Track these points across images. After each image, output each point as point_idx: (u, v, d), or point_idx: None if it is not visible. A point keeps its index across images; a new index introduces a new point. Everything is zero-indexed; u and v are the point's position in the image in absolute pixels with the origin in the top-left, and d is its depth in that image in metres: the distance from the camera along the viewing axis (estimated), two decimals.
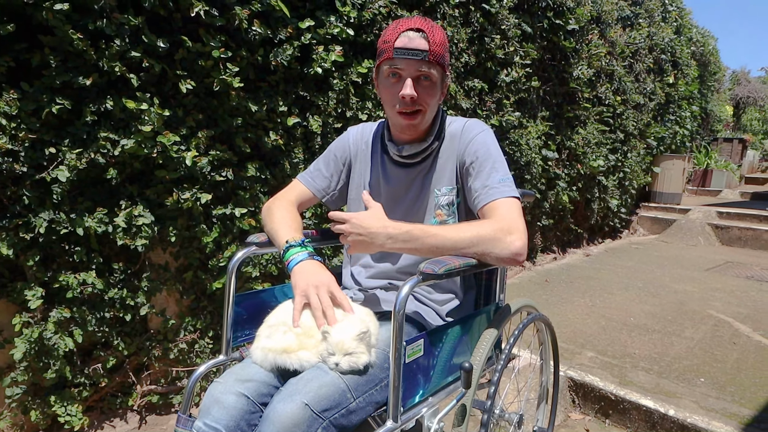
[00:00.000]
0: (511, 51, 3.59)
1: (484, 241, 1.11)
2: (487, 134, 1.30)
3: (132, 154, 1.81)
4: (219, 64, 1.96)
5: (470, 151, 1.27)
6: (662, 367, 2.32)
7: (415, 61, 1.18)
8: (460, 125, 1.33)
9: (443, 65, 1.22)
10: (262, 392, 1.08)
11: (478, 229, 1.13)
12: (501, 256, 1.11)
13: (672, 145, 6.95)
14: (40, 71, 1.62)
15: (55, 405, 1.81)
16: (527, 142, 3.82)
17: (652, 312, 3.15)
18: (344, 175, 1.47)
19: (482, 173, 1.24)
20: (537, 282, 3.90)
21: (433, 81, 1.22)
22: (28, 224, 1.66)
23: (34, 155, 1.63)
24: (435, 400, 1.14)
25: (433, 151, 1.34)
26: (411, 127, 1.26)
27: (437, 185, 1.33)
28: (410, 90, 1.19)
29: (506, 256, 1.11)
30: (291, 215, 1.34)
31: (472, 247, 1.11)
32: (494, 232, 1.12)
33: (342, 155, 1.46)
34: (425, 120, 1.26)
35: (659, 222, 6.37)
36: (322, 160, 1.48)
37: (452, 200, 1.32)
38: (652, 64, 5.94)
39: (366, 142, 1.45)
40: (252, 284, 2.24)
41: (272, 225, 1.31)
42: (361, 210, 1.41)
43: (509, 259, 1.12)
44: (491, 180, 1.22)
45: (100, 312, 1.88)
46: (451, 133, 1.33)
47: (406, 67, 1.19)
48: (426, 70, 1.19)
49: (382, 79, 1.26)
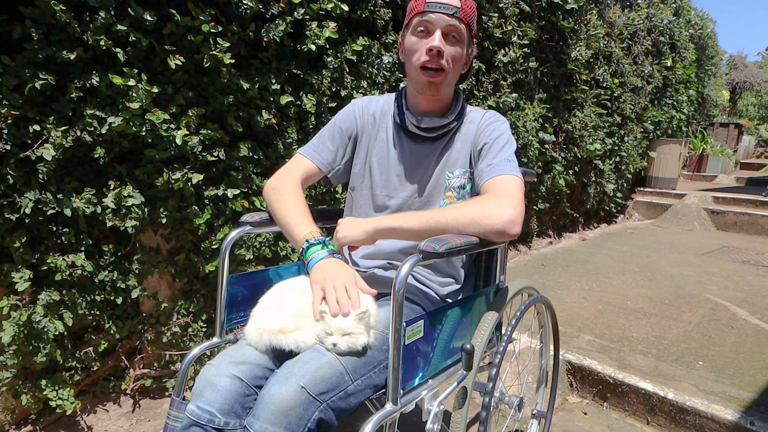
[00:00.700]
0: (508, 30, 3.52)
1: (475, 212, 1.09)
2: (503, 123, 1.32)
3: (120, 132, 1.75)
4: (209, 39, 1.90)
5: (484, 135, 1.28)
6: (660, 350, 2.31)
7: (447, 15, 1.17)
8: (480, 113, 1.34)
9: (471, 28, 1.22)
10: (256, 375, 1.05)
11: (470, 203, 1.13)
12: (494, 227, 1.08)
13: (668, 129, 6.91)
14: (22, 45, 1.55)
15: (46, 389, 1.78)
16: (524, 124, 3.77)
17: (648, 296, 3.15)
18: (350, 149, 1.41)
19: (490, 154, 1.24)
20: (533, 266, 3.89)
21: (461, 40, 1.21)
22: (14, 204, 1.60)
23: (17, 133, 1.57)
24: (435, 383, 1.11)
25: (451, 131, 1.32)
26: (431, 86, 1.22)
27: (451, 168, 1.31)
28: (438, 42, 1.17)
29: (498, 226, 1.07)
30: (302, 201, 1.28)
31: (461, 218, 1.09)
32: (485, 203, 1.11)
33: (348, 128, 1.39)
34: (446, 83, 1.24)
35: (655, 207, 6.37)
36: (327, 133, 1.41)
37: (463, 183, 1.30)
38: (650, 47, 5.88)
39: (372, 115, 1.39)
40: (245, 267, 2.20)
41: (285, 214, 1.24)
42: (365, 184, 1.38)
43: (502, 231, 1.08)
44: (496, 159, 1.22)
45: (91, 295, 1.83)
46: (470, 119, 1.34)
47: (436, 20, 1.18)
48: (456, 25, 1.18)
49: (409, 36, 1.23)
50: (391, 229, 1.12)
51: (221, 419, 0.99)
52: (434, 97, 1.26)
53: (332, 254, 1.15)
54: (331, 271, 1.09)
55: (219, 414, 0.99)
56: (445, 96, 1.28)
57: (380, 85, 2.60)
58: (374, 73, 2.54)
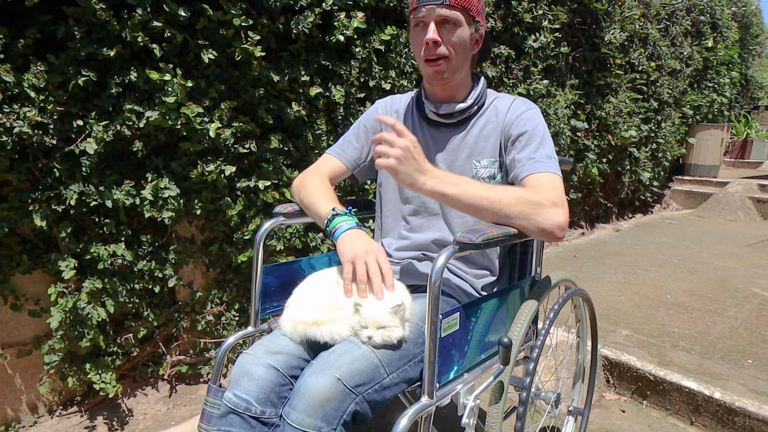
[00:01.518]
0: (539, 15, 3.43)
1: (528, 204, 1.08)
2: (536, 112, 1.28)
3: (156, 126, 1.79)
4: (240, 33, 1.91)
5: (518, 125, 1.24)
6: (704, 347, 2.23)
7: (436, 5, 1.16)
8: (508, 100, 1.30)
9: (467, 9, 1.18)
10: (291, 365, 1.06)
11: (523, 192, 1.10)
12: (543, 226, 1.08)
13: (709, 114, 6.62)
14: (66, 43, 1.61)
15: (90, 372, 1.86)
16: (555, 111, 3.68)
17: (690, 289, 3.04)
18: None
19: (529, 147, 1.21)
20: (565, 258, 3.81)
21: (457, 25, 1.18)
22: (60, 196, 1.67)
23: (62, 128, 1.63)
24: (470, 376, 1.11)
25: (472, 116, 1.29)
26: (438, 75, 1.23)
27: (477, 156, 1.29)
28: (432, 34, 1.17)
29: (548, 227, 1.08)
30: (327, 187, 1.32)
31: (514, 206, 1.07)
32: (539, 199, 1.09)
33: (372, 125, 1.44)
34: (453, 66, 1.22)
35: (694, 196, 6.13)
36: (352, 132, 1.46)
37: (493, 173, 1.28)
38: (689, 27, 5.63)
39: (396, 111, 1.42)
40: (276, 257, 2.23)
41: (310, 197, 1.27)
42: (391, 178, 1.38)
43: (550, 232, 1.09)
44: (538, 154, 1.19)
45: (130, 283, 1.90)
46: (497, 106, 1.30)
47: (428, 13, 1.18)
48: (446, 13, 1.17)
49: (411, 34, 1.25)
50: (443, 194, 1.08)
51: (257, 408, 1.00)
52: (446, 84, 1.26)
53: (358, 226, 1.16)
54: (360, 245, 1.10)
55: (255, 402, 1.01)
56: (458, 81, 1.27)
57: (408, 75, 2.57)
58: (402, 63, 2.52)
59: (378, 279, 1.06)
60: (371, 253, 1.08)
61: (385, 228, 1.42)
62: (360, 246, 1.09)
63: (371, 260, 1.07)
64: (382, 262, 1.08)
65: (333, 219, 1.17)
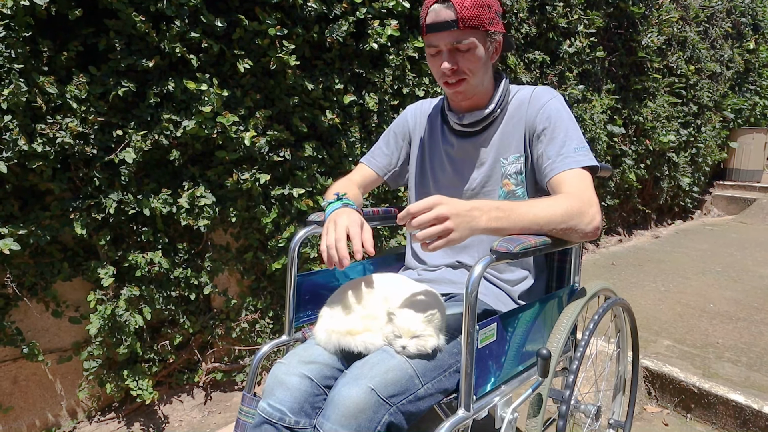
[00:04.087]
0: (574, 19, 3.37)
1: (573, 216, 1.06)
2: (558, 100, 1.23)
3: (193, 135, 1.82)
4: (275, 42, 1.94)
5: (542, 118, 1.20)
6: (751, 358, 2.12)
7: (446, 33, 1.14)
8: (528, 92, 1.26)
9: (479, 27, 1.15)
10: (325, 374, 1.05)
11: (567, 205, 1.07)
12: (586, 230, 1.08)
13: (751, 117, 6.36)
14: (107, 55, 1.66)
15: (128, 379, 1.89)
16: (591, 117, 3.60)
17: (735, 298, 2.90)
18: (404, 152, 1.46)
19: (556, 140, 1.17)
20: (602, 265, 3.70)
21: (472, 47, 1.16)
22: (99, 205, 1.71)
23: (102, 138, 1.68)
24: (507, 388, 1.07)
25: (495, 119, 1.27)
26: (459, 95, 1.23)
27: (504, 154, 1.26)
28: (447, 63, 1.17)
29: (590, 230, 1.08)
30: (343, 186, 1.35)
31: (563, 223, 1.05)
32: (580, 206, 1.07)
33: (401, 131, 1.45)
34: (473, 85, 1.21)
35: (736, 201, 5.89)
36: (383, 139, 1.49)
37: (520, 168, 1.25)
38: (729, 29, 5.43)
39: (426, 117, 1.42)
40: (310, 265, 2.24)
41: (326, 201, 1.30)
42: (422, 182, 1.37)
43: (592, 234, 1.09)
44: (566, 148, 1.16)
45: (167, 291, 1.93)
46: (518, 99, 1.27)
47: (439, 41, 1.16)
48: (459, 41, 1.15)
49: (426, 53, 1.25)
50: (497, 230, 1.02)
51: (291, 418, 1.00)
52: (467, 99, 1.26)
53: (346, 205, 1.19)
54: (338, 215, 1.12)
55: (289, 413, 1.00)
56: (480, 92, 1.25)
57: None
58: None
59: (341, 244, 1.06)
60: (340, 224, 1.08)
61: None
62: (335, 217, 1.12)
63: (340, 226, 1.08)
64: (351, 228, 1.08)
65: (327, 206, 1.22)
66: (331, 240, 1.08)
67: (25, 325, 1.74)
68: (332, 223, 1.10)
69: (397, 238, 2.50)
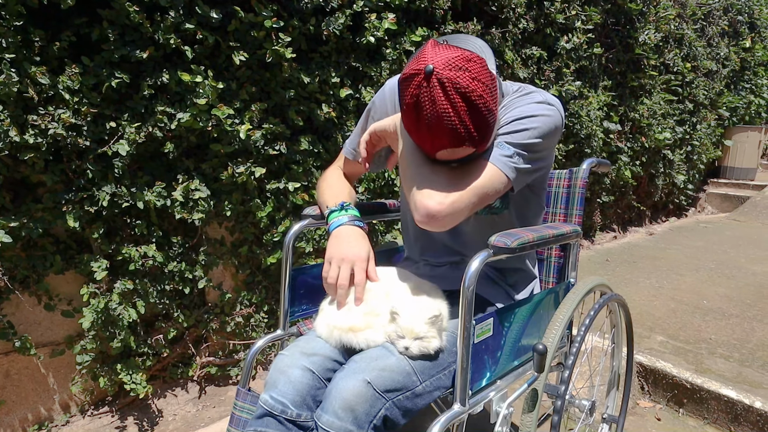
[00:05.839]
0: (572, 15, 3.35)
1: (416, 185, 0.98)
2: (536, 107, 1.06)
3: (188, 127, 1.81)
4: (271, 34, 1.92)
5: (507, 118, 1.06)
6: (744, 354, 2.14)
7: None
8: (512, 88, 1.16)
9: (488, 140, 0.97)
10: (326, 367, 1.05)
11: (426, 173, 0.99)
12: (416, 213, 0.99)
13: (746, 116, 6.39)
14: (100, 46, 1.63)
15: (121, 373, 1.88)
16: (588, 113, 3.60)
17: (727, 295, 2.92)
18: None
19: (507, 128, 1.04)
20: (597, 261, 3.71)
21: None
22: (92, 197, 1.69)
23: (96, 129, 1.66)
24: (503, 383, 1.07)
25: None
26: None
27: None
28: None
29: (421, 213, 0.97)
30: (338, 180, 1.32)
31: (410, 189, 1.00)
32: (426, 183, 0.98)
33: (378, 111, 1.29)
34: None
35: (730, 199, 5.92)
36: (360, 124, 1.34)
37: None
38: (726, 27, 5.44)
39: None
40: (305, 260, 2.23)
41: (319, 195, 1.29)
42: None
43: (420, 220, 0.98)
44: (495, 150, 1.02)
45: (161, 284, 1.91)
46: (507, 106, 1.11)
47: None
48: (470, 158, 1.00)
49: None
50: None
51: (293, 411, 0.99)
52: None
53: (352, 221, 1.15)
54: (343, 245, 1.11)
55: (291, 405, 1.00)
56: None
57: None
58: None
59: (343, 291, 1.07)
60: (347, 262, 1.09)
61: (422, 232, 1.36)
62: (343, 248, 1.10)
63: (345, 268, 1.08)
64: (357, 271, 1.08)
65: (328, 216, 1.18)
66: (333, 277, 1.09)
67: (17, 318, 1.72)
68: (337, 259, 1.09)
69: (392, 233, 2.49)
